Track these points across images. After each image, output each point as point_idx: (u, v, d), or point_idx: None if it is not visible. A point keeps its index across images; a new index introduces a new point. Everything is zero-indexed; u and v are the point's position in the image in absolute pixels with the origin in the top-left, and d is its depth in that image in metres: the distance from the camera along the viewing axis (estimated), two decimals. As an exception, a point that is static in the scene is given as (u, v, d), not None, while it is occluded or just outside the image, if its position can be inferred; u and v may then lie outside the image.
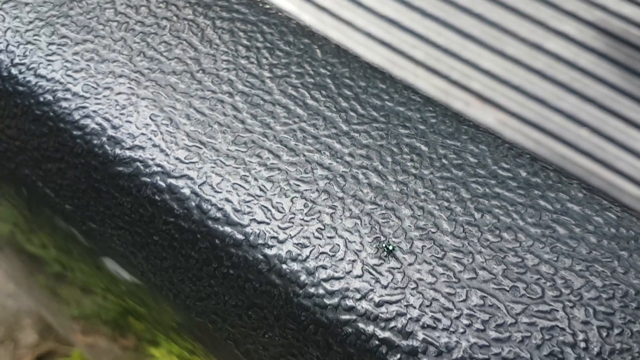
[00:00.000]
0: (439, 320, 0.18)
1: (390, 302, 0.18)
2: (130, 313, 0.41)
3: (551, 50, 0.40)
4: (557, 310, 0.18)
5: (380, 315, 0.18)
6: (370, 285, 0.18)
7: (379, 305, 0.18)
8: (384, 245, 0.18)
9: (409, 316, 0.18)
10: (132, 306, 0.38)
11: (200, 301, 0.21)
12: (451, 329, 0.18)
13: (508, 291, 0.18)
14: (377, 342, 0.18)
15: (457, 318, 0.18)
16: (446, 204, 0.20)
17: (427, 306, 0.18)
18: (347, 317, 0.18)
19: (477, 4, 0.40)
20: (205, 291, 0.21)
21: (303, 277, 0.19)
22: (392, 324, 0.18)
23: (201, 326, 0.23)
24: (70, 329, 0.56)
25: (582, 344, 0.17)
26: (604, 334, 0.18)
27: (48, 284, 0.50)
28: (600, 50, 0.40)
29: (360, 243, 0.19)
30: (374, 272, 0.18)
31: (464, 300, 0.18)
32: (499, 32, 0.40)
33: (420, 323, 0.18)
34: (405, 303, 0.18)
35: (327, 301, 0.18)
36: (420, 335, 0.18)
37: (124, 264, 0.26)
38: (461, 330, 0.18)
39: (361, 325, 0.18)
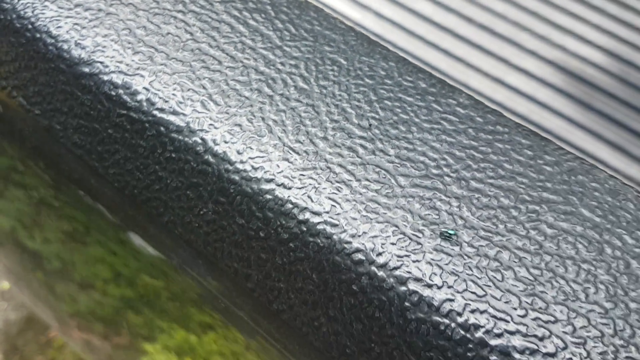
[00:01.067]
0: (340, 189, 0.22)
1: (303, 175, 0.23)
2: (131, 306, 0.43)
3: (512, 84, 0.44)
4: (438, 183, 0.23)
5: (294, 185, 0.22)
6: (289, 162, 0.23)
7: (293, 177, 0.23)
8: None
9: (317, 185, 0.22)
10: (139, 294, 0.40)
11: (146, 189, 0.25)
12: (349, 195, 0.22)
13: (399, 167, 0.23)
14: (290, 205, 0.22)
15: (355, 187, 0.22)
16: (357, 103, 0.25)
17: (333, 178, 0.23)
18: (267, 187, 0.23)
19: (444, 40, 0.44)
20: (150, 177, 0.25)
21: (233, 157, 0.23)
22: (303, 191, 0.22)
23: (223, 293, 0.27)
24: (66, 326, 0.58)
25: (456, 205, 0.22)
26: (475, 201, 0.22)
27: (46, 281, 0.53)
28: (558, 86, 0.44)
29: (284, 130, 0.24)
30: (292, 152, 0.23)
31: (363, 173, 0.23)
32: (463, 66, 0.44)
33: (327, 192, 0.22)
34: (316, 175, 0.23)
35: (252, 175, 0.23)
36: (325, 201, 0.22)
37: (143, 235, 0.31)
38: (358, 195, 0.22)
39: (278, 193, 0.22)
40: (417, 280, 0.21)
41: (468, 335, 0.20)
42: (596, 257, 0.21)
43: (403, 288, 0.21)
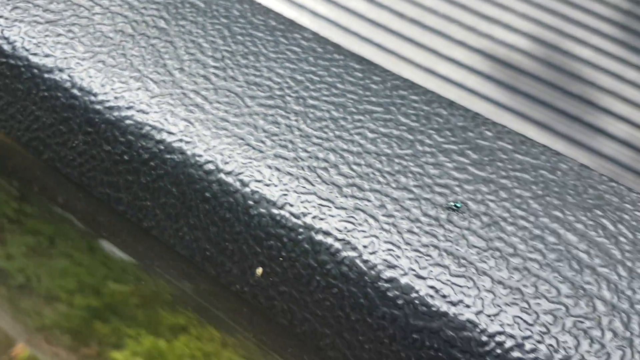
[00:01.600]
0: (194, 112, 0.26)
1: (160, 101, 0.26)
2: (98, 316, 0.44)
3: (442, 73, 0.46)
4: (280, 102, 0.27)
5: (151, 110, 0.26)
6: (147, 91, 0.26)
7: (150, 104, 0.26)
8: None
9: (172, 109, 0.26)
10: (106, 303, 0.41)
11: (27, 130, 0.28)
12: (202, 116, 0.26)
13: (247, 90, 0.27)
14: (148, 127, 0.26)
15: (207, 109, 0.26)
16: (212, 39, 0.28)
17: (187, 102, 0.26)
18: (127, 113, 0.26)
19: (377, 35, 0.47)
20: (29, 118, 0.28)
21: (96, 89, 0.26)
22: (160, 114, 0.26)
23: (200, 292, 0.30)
24: (34, 340, 0.58)
25: (294, 119, 0.26)
26: (310, 115, 0.26)
27: (10, 297, 0.53)
28: (486, 72, 0.47)
29: (143, 63, 0.27)
30: (150, 82, 0.26)
31: (215, 97, 0.26)
32: (396, 58, 0.46)
33: (182, 114, 0.26)
34: (172, 101, 0.26)
35: (113, 104, 0.26)
36: (180, 122, 0.26)
37: (120, 245, 0.33)
38: (210, 115, 0.26)
39: (137, 118, 0.26)
40: (258, 181, 0.24)
41: (299, 222, 0.24)
42: (408, 152, 0.25)
43: (247, 189, 0.24)
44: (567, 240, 0.23)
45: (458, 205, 0.24)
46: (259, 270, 0.25)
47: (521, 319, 0.22)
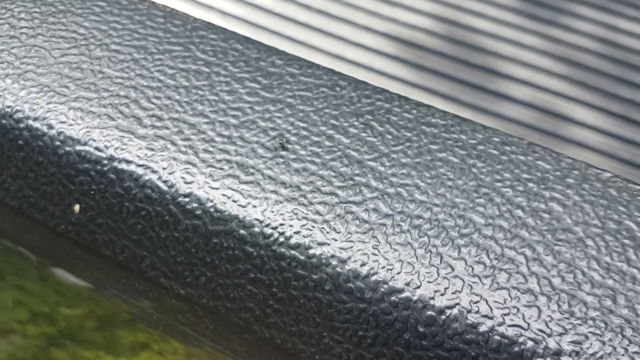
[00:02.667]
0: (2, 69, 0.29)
1: None
2: (54, 343, 0.44)
3: (351, 58, 0.49)
4: (85, 50, 0.30)
5: None
6: None
7: None
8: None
9: None
10: (61, 329, 0.41)
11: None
12: (3, 68, 0.29)
13: (54, 43, 0.30)
14: None
15: (12, 62, 0.29)
16: (22, 3, 0.31)
17: None
18: None
19: (286, 27, 0.49)
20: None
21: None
22: None
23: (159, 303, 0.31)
24: None
25: (97, 64, 0.29)
26: (113, 59, 0.29)
27: None
28: (392, 53, 0.50)
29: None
30: None
31: (23, 53, 0.29)
32: (306, 48, 0.49)
33: None
34: None
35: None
36: None
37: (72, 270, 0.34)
38: (17, 70, 0.29)
39: None
40: (63, 122, 0.27)
41: (102, 154, 0.27)
42: (204, 83, 0.28)
43: (53, 131, 0.27)
44: (341, 142, 0.27)
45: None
46: (77, 207, 0.27)
47: (299, 210, 0.25)
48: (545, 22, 0.57)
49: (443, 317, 0.23)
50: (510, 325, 0.22)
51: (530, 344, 0.22)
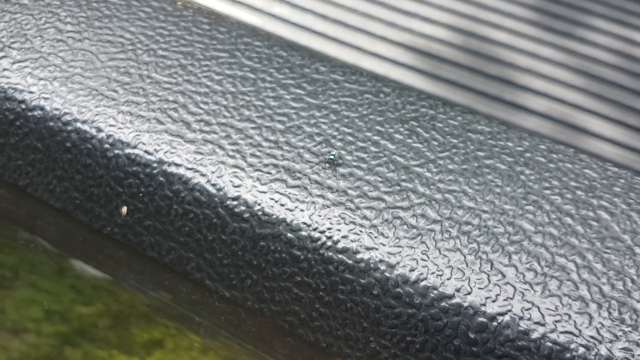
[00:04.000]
0: (51, 71, 0.29)
1: (14, 67, 0.30)
2: (68, 342, 0.43)
3: (367, 68, 0.49)
4: (132, 55, 0.30)
5: (7, 74, 0.30)
6: (7, 57, 0.30)
7: (9, 70, 0.29)
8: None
9: (32, 72, 0.30)
10: (75, 328, 0.42)
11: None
12: (57, 74, 0.29)
13: (101, 47, 0.30)
14: (11, 90, 0.29)
15: (63, 67, 0.29)
16: (68, 7, 0.32)
17: (45, 64, 0.30)
18: None
19: (302, 37, 0.50)
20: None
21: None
22: (18, 79, 0.29)
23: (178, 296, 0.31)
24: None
25: (145, 69, 0.29)
26: (161, 64, 0.30)
27: None
28: (408, 64, 0.50)
29: (5, 35, 0.30)
30: (10, 50, 0.30)
31: (70, 57, 0.30)
32: (323, 59, 0.49)
33: (41, 75, 0.29)
34: (32, 64, 0.30)
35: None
36: (39, 82, 0.29)
37: (91, 261, 0.34)
38: (65, 73, 0.29)
39: None
40: (112, 125, 0.27)
41: (152, 157, 0.27)
42: (250, 89, 0.29)
43: (102, 134, 0.27)
44: (387, 147, 0.27)
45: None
46: (124, 209, 0.28)
47: (347, 214, 0.25)
48: (562, 34, 0.57)
49: (495, 323, 0.23)
50: (562, 332, 0.22)
51: (581, 350, 0.22)
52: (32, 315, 0.44)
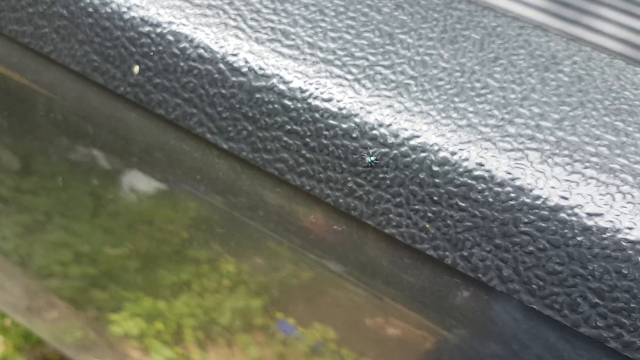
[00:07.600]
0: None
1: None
2: (96, 284, 0.44)
3: None
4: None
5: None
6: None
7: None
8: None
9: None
10: (104, 270, 0.42)
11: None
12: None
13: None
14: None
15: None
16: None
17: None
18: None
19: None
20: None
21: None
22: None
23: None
24: (38, 301, 0.55)
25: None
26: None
27: (5, 274, 0.52)
28: None
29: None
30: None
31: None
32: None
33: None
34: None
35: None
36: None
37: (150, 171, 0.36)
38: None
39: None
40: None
41: (163, 20, 0.29)
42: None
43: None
44: (375, 18, 0.30)
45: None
46: (136, 69, 0.31)
47: (334, 70, 0.29)
48: (569, 21, 0.58)
49: (455, 157, 0.26)
50: (515, 167, 0.26)
51: (529, 180, 0.26)
52: (62, 259, 0.44)
